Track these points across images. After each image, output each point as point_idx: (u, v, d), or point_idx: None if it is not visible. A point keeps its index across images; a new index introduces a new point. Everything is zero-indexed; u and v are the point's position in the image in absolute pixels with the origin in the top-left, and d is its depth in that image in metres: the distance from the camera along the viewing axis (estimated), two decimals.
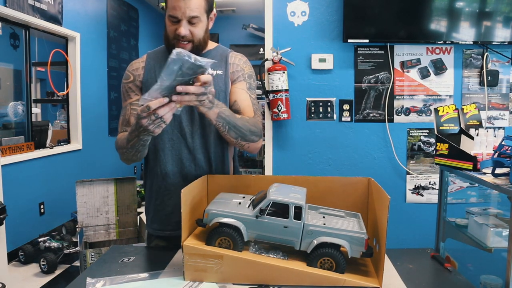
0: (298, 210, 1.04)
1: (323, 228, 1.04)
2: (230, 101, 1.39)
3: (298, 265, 1.04)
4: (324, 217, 1.11)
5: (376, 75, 2.69)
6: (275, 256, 1.06)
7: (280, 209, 1.05)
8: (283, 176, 1.28)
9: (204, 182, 1.24)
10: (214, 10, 1.38)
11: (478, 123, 1.63)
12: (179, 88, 1.02)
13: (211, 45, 1.42)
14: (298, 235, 1.04)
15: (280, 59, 2.63)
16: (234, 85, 1.40)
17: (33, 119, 3.86)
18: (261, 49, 5.92)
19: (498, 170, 1.28)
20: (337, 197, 1.24)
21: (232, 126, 1.24)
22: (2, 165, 2.91)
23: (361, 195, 1.24)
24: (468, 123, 1.62)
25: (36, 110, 4.08)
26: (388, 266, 1.21)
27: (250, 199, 1.14)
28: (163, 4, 1.39)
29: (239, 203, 1.11)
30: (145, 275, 1.11)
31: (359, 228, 1.06)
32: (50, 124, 4.05)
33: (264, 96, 2.69)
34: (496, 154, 1.28)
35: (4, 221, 2.48)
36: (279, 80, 2.58)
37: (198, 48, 1.32)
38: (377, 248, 1.07)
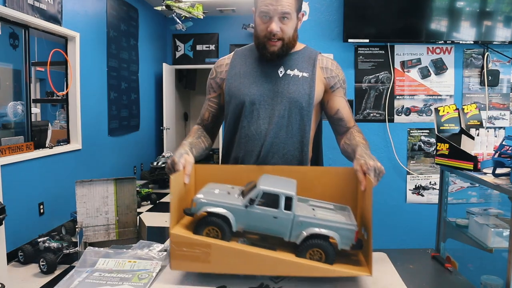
0: (289, 201, 1.03)
1: (313, 219, 1.03)
2: (332, 109, 1.41)
3: (287, 256, 1.02)
4: (313, 209, 1.10)
5: (377, 75, 2.69)
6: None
7: (270, 200, 1.03)
8: (272, 166, 1.26)
9: (192, 171, 1.20)
10: (303, 10, 1.40)
11: (478, 123, 1.63)
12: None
13: (299, 46, 1.43)
14: (288, 226, 1.03)
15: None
16: (333, 93, 1.41)
17: (33, 119, 3.85)
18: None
19: (499, 170, 1.28)
20: (326, 188, 1.22)
21: None
22: (1, 165, 2.91)
23: (349, 185, 1.22)
24: (468, 123, 1.62)
25: (35, 110, 4.08)
26: (389, 266, 1.20)
27: (240, 190, 1.12)
28: (168, 2, 1.43)
29: (228, 193, 1.09)
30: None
31: (349, 220, 1.06)
32: (49, 124, 4.05)
33: None
34: (497, 154, 1.28)
35: (3, 221, 2.47)
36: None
37: (287, 47, 1.34)
38: (365, 236, 1.06)
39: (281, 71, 1.37)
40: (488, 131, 1.46)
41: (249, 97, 1.35)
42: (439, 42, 2.59)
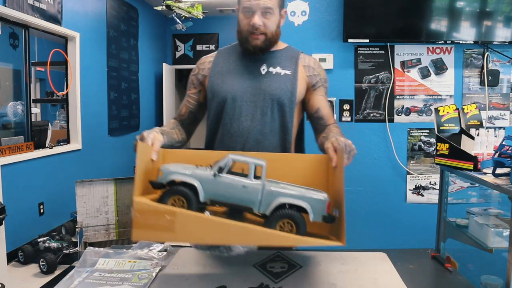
0: (258, 170, 0.99)
1: (284, 189, 0.99)
2: (312, 107, 1.42)
3: (256, 227, 0.96)
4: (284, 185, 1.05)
5: (377, 75, 2.69)
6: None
7: (240, 170, 1.00)
8: (243, 152, 1.20)
9: (160, 156, 1.14)
10: (285, 8, 1.41)
11: (478, 123, 1.63)
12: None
13: (282, 45, 1.44)
14: (258, 195, 0.98)
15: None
16: (315, 91, 1.43)
17: (33, 119, 3.85)
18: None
19: (499, 170, 1.28)
20: (297, 174, 1.17)
21: None
22: (1, 165, 2.91)
23: (321, 172, 1.17)
24: (468, 123, 1.62)
25: (35, 110, 4.08)
26: (389, 266, 1.20)
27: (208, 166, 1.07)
28: (168, 2, 1.43)
29: (196, 166, 1.04)
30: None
31: (320, 193, 1.01)
32: (49, 124, 4.04)
33: None
34: (497, 154, 1.28)
35: (3, 221, 2.47)
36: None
37: (270, 42, 1.35)
38: (337, 213, 1.01)
39: (263, 69, 1.38)
40: (488, 131, 1.46)
41: (231, 94, 1.35)
42: (439, 42, 2.59)
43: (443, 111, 1.62)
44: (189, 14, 4.95)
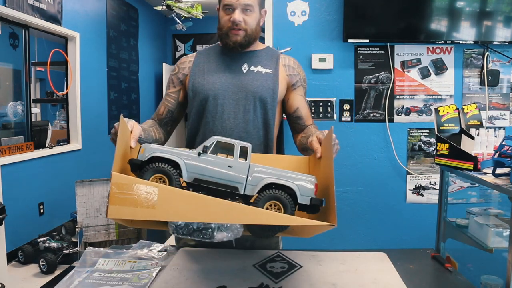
0: (244, 151, 0.96)
1: (270, 169, 0.96)
2: (291, 107, 1.42)
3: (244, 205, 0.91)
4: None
5: (377, 75, 2.69)
6: None
7: (225, 150, 0.97)
8: (223, 137, 1.19)
9: (138, 149, 1.08)
10: (265, 8, 1.43)
11: (478, 123, 1.63)
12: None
13: (261, 45, 1.46)
14: (244, 175, 0.94)
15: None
16: (294, 91, 1.43)
17: (33, 119, 3.85)
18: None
19: (499, 170, 1.28)
20: None
21: None
22: (1, 165, 2.91)
23: (302, 171, 1.13)
24: (468, 123, 1.62)
25: (35, 110, 4.08)
26: (389, 266, 1.20)
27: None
28: (168, 2, 1.44)
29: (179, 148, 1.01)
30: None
31: (307, 176, 0.98)
32: (49, 124, 4.04)
33: None
34: (497, 154, 1.28)
35: (3, 221, 2.47)
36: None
37: (250, 38, 1.36)
38: (323, 202, 0.97)
39: (244, 67, 1.39)
40: (488, 131, 1.46)
41: (213, 92, 1.36)
42: (439, 42, 2.59)
43: (443, 111, 1.62)
44: (189, 14, 4.95)
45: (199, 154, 0.95)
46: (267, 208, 0.93)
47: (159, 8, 4.88)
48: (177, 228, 1.06)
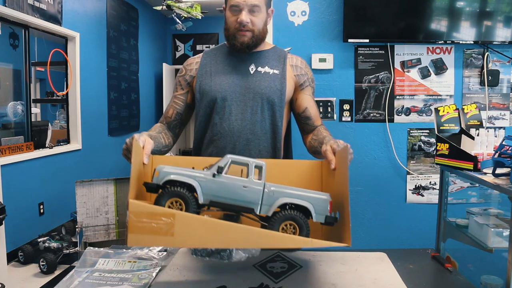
0: (259, 169, 0.97)
1: (286, 189, 0.96)
2: (300, 107, 1.42)
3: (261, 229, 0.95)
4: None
5: (377, 75, 2.69)
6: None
7: (240, 164, 0.98)
8: (237, 156, 1.21)
9: (150, 161, 1.10)
10: (272, 6, 1.42)
11: (478, 123, 1.63)
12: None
13: (269, 45, 1.45)
14: (259, 195, 0.95)
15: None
16: (302, 91, 1.42)
17: (33, 119, 3.85)
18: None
19: (499, 170, 1.28)
20: (291, 180, 1.14)
21: None
22: (1, 165, 2.91)
23: (315, 177, 1.17)
24: (468, 123, 1.62)
25: (35, 110, 4.08)
26: (389, 266, 1.20)
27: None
28: (169, 2, 1.44)
29: (193, 168, 1.00)
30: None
31: (322, 194, 0.99)
32: (49, 124, 4.04)
33: None
34: (497, 154, 1.28)
35: (3, 221, 2.47)
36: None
37: (257, 39, 1.35)
38: (337, 214, 1.00)
39: (252, 68, 1.38)
40: (488, 131, 1.46)
41: (221, 93, 1.35)
42: (439, 42, 2.59)
43: (443, 111, 1.62)
44: (188, 14, 4.96)
45: (213, 175, 0.95)
46: (283, 228, 0.94)
47: (159, 8, 4.88)
48: (195, 250, 1.11)
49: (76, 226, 3.05)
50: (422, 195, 2.72)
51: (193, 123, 1.49)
